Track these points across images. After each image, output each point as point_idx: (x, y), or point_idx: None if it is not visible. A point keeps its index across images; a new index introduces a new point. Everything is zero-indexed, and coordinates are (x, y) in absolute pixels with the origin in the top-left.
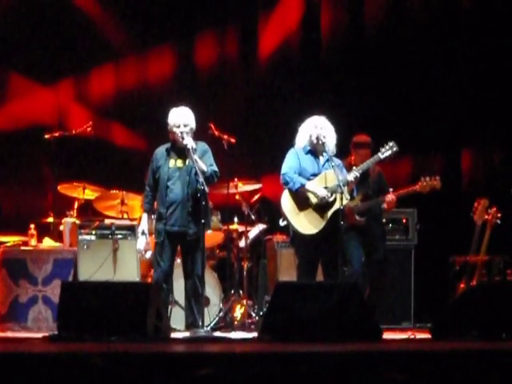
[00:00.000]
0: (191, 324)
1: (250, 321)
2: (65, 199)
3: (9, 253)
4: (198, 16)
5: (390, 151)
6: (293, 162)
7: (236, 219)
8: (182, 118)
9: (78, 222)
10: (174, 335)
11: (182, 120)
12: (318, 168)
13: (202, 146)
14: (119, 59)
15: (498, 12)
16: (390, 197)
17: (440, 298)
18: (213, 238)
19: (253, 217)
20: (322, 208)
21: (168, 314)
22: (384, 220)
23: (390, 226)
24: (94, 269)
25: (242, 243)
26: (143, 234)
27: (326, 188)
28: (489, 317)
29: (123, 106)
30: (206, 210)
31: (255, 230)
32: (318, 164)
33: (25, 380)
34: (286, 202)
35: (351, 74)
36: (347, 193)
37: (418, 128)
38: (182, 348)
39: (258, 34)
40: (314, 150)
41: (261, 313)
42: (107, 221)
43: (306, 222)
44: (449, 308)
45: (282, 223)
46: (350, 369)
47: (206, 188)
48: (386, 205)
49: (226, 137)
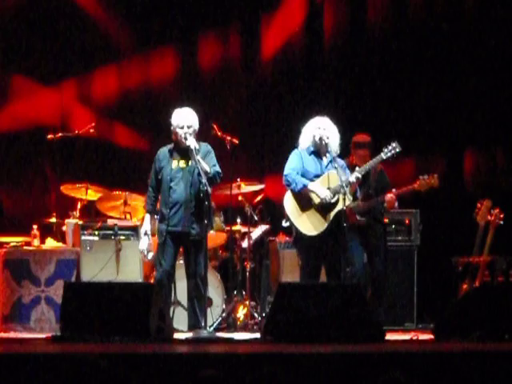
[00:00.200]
0: (194, 325)
1: (252, 321)
2: (68, 200)
3: (12, 253)
4: (201, 17)
5: (392, 151)
6: (295, 163)
7: (239, 220)
8: (185, 118)
9: (80, 222)
10: (176, 336)
11: (186, 121)
12: (321, 169)
13: (205, 146)
14: (122, 60)
15: (501, 12)
16: (389, 196)
17: (443, 298)
18: (215, 238)
19: (256, 217)
20: (324, 209)
21: (171, 314)
22: (387, 220)
23: (393, 226)
24: (96, 269)
25: (245, 244)
26: (146, 234)
27: (328, 189)
28: (491, 318)
29: (126, 107)
30: (209, 210)
31: (258, 231)
32: (321, 165)
33: (28, 380)
34: (289, 203)
35: (354, 75)
36: (350, 193)
37: (421, 128)
38: (185, 349)
39: (260, 35)
40: (318, 150)
41: (263, 313)
42: (110, 221)
43: (308, 223)
44: (451, 309)
45: (284, 224)
46: (353, 369)
47: (209, 189)
48: (387, 204)
49: (228, 137)
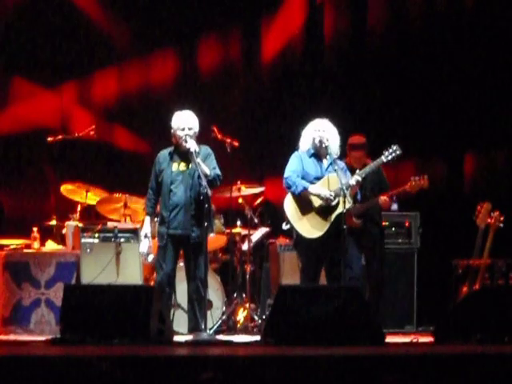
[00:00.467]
0: (194, 327)
1: (252, 324)
2: (68, 202)
3: (12, 256)
4: (201, 19)
5: (393, 154)
6: (296, 166)
7: (239, 222)
8: (186, 121)
9: (80, 225)
10: (176, 338)
11: (187, 123)
12: (321, 171)
13: (205, 149)
14: (122, 62)
15: (501, 14)
16: (382, 198)
17: (443, 301)
18: (216, 241)
19: (256, 220)
20: (325, 212)
21: (171, 317)
22: (386, 223)
23: (393, 229)
24: (96, 272)
25: (245, 246)
26: (146, 237)
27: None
28: (492, 320)
29: (126, 110)
30: (209, 213)
31: (258, 234)
32: (322, 167)
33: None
34: (289, 206)
35: (354, 77)
36: (350, 196)
37: (421, 131)
38: (185, 351)
39: (260, 37)
40: (318, 153)
41: (263, 316)
42: (110, 224)
43: (309, 226)
44: (451, 311)
45: (285, 227)
46: (353, 372)
47: (209, 191)
48: (382, 205)
49: (228, 140)
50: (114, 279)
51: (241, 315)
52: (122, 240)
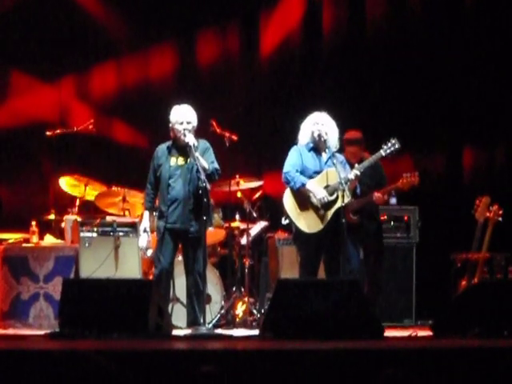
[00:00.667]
0: (193, 321)
1: (251, 318)
2: (66, 196)
3: (10, 250)
4: (200, 13)
5: (392, 148)
6: (295, 160)
7: (238, 216)
8: (184, 115)
9: (79, 219)
10: (175, 332)
11: (185, 117)
12: (320, 165)
13: (203, 143)
14: (121, 56)
15: (500, 10)
16: (376, 195)
17: (441, 295)
18: (214, 235)
19: (254, 214)
20: (323, 206)
21: (169, 311)
22: (385, 217)
23: (392, 223)
24: (95, 266)
25: (244, 240)
26: (145, 231)
27: (327, 186)
28: (490, 314)
29: (125, 104)
30: (208, 207)
31: (257, 228)
32: (321, 161)
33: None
34: (288, 201)
35: (353, 71)
36: (349, 191)
37: (420, 125)
38: (184, 345)
39: (259, 31)
40: (317, 147)
41: (262, 310)
42: (109, 218)
43: (308, 221)
44: (450, 305)
45: (284, 222)
46: (352, 366)
47: (208, 185)
48: (376, 201)
49: (227, 134)
50: (112, 273)
51: (239, 309)
52: (121, 234)
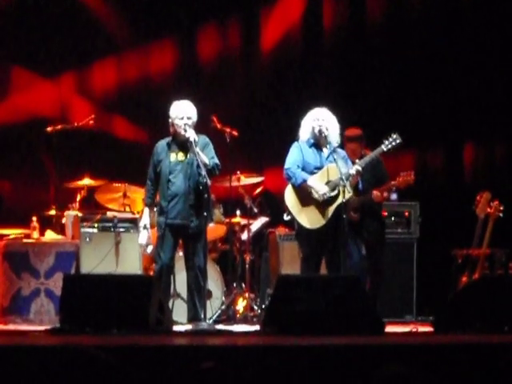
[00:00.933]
0: (193, 317)
1: (252, 314)
2: (67, 192)
3: (11, 246)
4: (200, 9)
5: (393, 143)
6: (296, 156)
7: (238, 212)
8: (184, 110)
9: (80, 214)
10: (176, 328)
11: (185, 112)
12: (321, 161)
13: (203, 139)
14: (121, 52)
15: (499, 8)
16: (375, 193)
17: (442, 291)
18: (215, 230)
19: (255, 210)
20: (325, 202)
21: (170, 306)
22: (386, 213)
23: (393, 219)
24: (96, 262)
25: (245, 236)
26: (145, 228)
27: (328, 182)
28: (491, 310)
29: (125, 99)
30: (208, 202)
31: (257, 223)
32: (322, 157)
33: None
34: (290, 197)
35: (353, 67)
36: (350, 186)
37: (421, 121)
38: (184, 341)
39: (260, 26)
40: (318, 142)
41: (263, 306)
42: (109, 214)
43: (309, 217)
44: (451, 301)
45: (286, 218)
46: (352, 362)
47: (209, 181)
48: (375, 199)
49: (228, 130)
50: (113, 269)
51: (240, 305)
52: (122, 230)
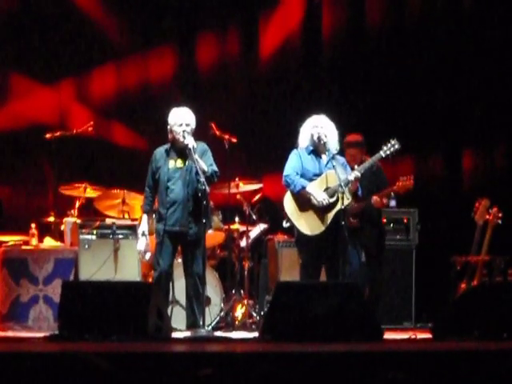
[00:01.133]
0: (192, 324)
1: (250, 321)
2: (66, 199)
3: (10, 252)
4: (199, 16)
5: (392, 149)
6: (295, 163)
7: (237, 219)
8: (183, 117)
9: (78, 221)
10: (174, 335)
11: (184, 119)
12: (320, 168)
13: (202, 145)
14: (120, 59)
15: (499, 12)
16: (374, 198)
17: (441, 298)
18: (214, 237)
19: (254, 216)
20: (324, 209)
21: (169, 313)
22: (385, 220)
23: (391, 225)
24: (94, 268)
25: (243, 243)
26: (143, 235)
27: (327, 189)
28: (490, 317)
29: (124, 106)
30: (207, 209)
31: (256, 230)
32: (321, 164)
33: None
34: (289, 204)
35: (352, 73)
36: (349, 193)
37: (420, 128)
38: (183, 348)
39: (259, 33)
40: (317, 149)
41: (262, 312)
42: (108, 220)
43: (309, 223)
44: (450, 308)
45: (285, 225)
46: (351, 369)
47: (207, 188)
48: (374, 205)
49: (227, 136)
50: (112, 276)
51: (239, 312)
52: (120, 236)
